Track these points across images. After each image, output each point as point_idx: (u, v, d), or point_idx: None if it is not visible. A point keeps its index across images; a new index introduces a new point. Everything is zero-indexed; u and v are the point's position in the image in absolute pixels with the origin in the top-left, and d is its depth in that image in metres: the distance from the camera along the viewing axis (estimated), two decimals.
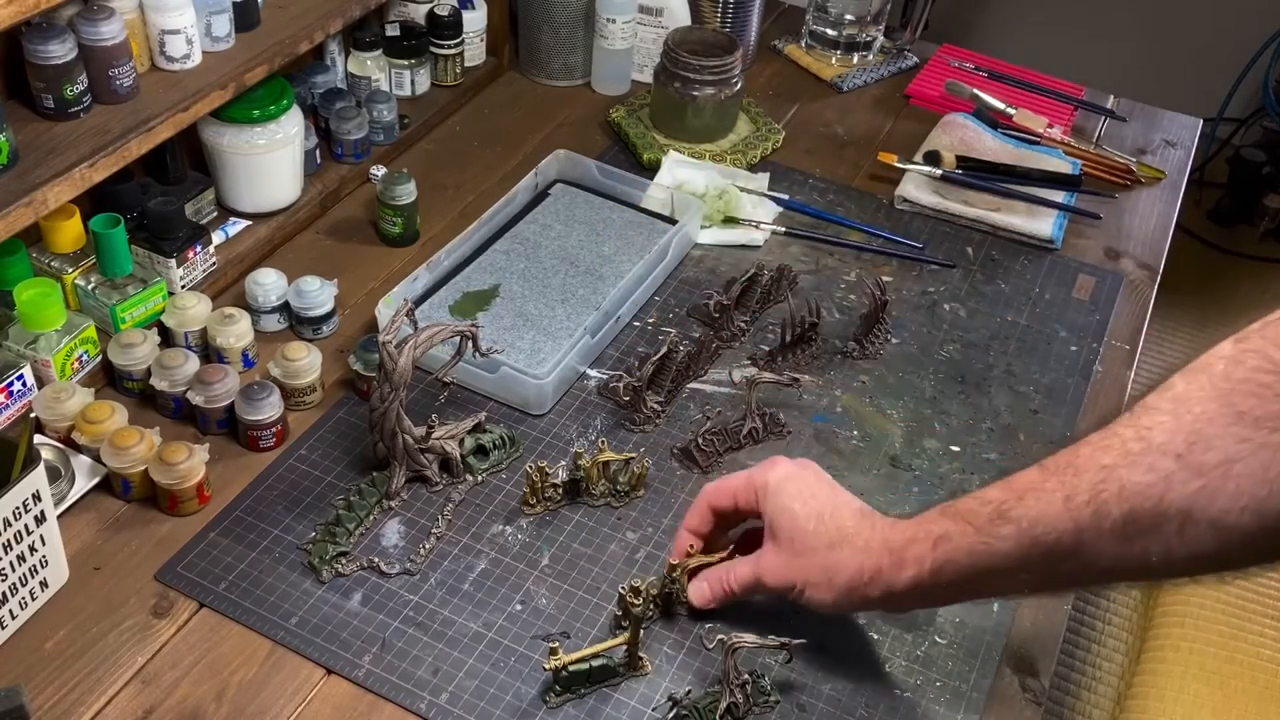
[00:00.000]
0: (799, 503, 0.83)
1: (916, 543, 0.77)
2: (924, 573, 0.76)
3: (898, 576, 0.78)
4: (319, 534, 0.94)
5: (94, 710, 0.83)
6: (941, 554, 0.75)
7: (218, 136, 1.20)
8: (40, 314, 0.99)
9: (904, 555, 0.77)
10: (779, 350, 1.16)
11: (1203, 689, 1.43)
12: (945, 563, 0.75)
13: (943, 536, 0.75)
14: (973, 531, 0.73)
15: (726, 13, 1.58)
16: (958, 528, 0.74)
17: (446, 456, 0.99)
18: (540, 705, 0.85)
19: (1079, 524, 0.68)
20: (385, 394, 0.94)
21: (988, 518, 0.72)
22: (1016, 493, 0.71)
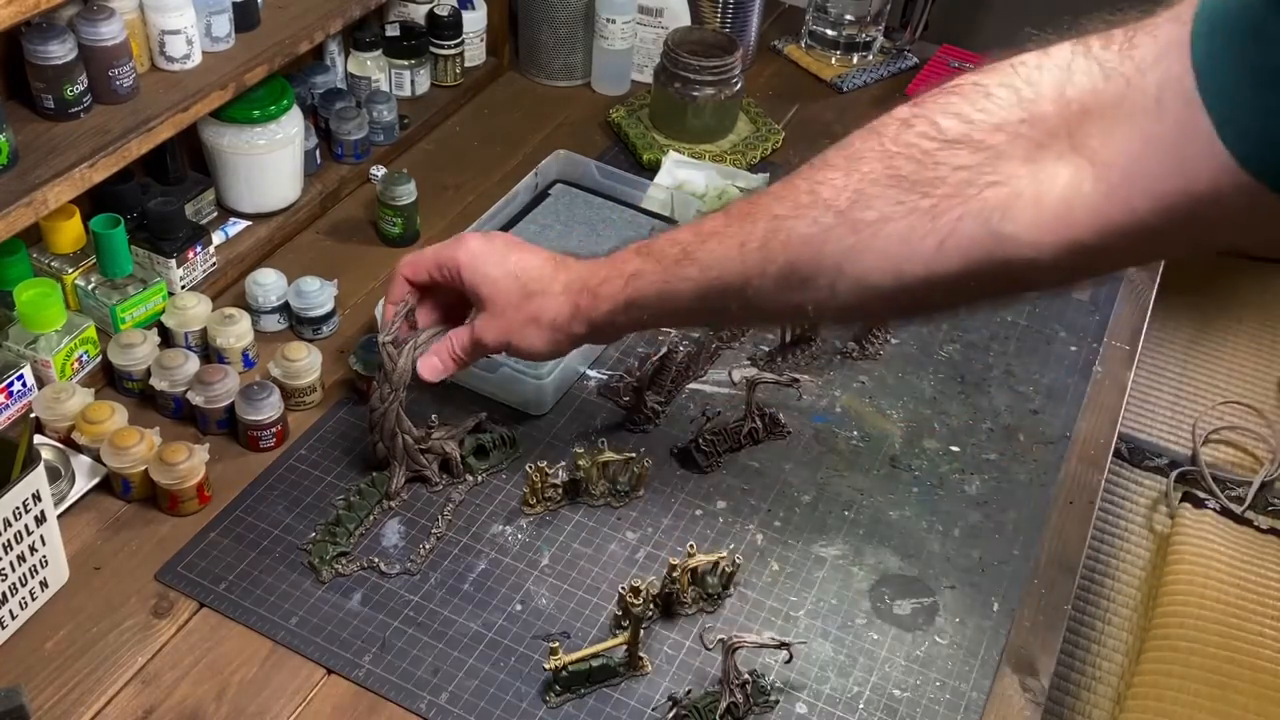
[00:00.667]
0: (494, 268, 0.87)
1: (610, 280, 0.82)
2: (619, 307, 0.82)
3: (596, 311, 0.83)
4: (319, 534, 0.94)
5: (94, 710, 0.83)
6: (633, 290, 0.80)
7: (218, 136, 1.20)
8: (40, 314, 0.99)
9: (599, 291, 0.82)
10: (779, 350, 1.16)
11: (1203, 689, 1.43)
12: (637, 297, 0.80)
13: (635, 274, 0.80)
14: (660, 270, 0.78)
15: (726, 13, 1.58)
16: (649, 266, 0.79)
17: (446, 457, 1.00)
18: (540, 705, 0.85)
19: (747, 269, 0.72)
20: (385, 394, 0.94)
21: (674, 258, 0.77)
22: (702, 236, 0.76)
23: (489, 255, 0.88)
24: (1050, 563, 1.00)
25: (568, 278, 0.85)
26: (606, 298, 0.82)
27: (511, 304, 0.87)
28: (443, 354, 0.92)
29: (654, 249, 0.80)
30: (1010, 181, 0.62)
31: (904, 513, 1.03)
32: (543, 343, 0.87)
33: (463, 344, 0.91)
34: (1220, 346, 2.32)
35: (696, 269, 0.76)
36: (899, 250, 0.65)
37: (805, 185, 0.69)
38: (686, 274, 0.76)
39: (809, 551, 0.98)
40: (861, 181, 0.66)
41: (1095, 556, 1.85)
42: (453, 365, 0.92)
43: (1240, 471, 2.01)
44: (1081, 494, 1.06)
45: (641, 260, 0.80)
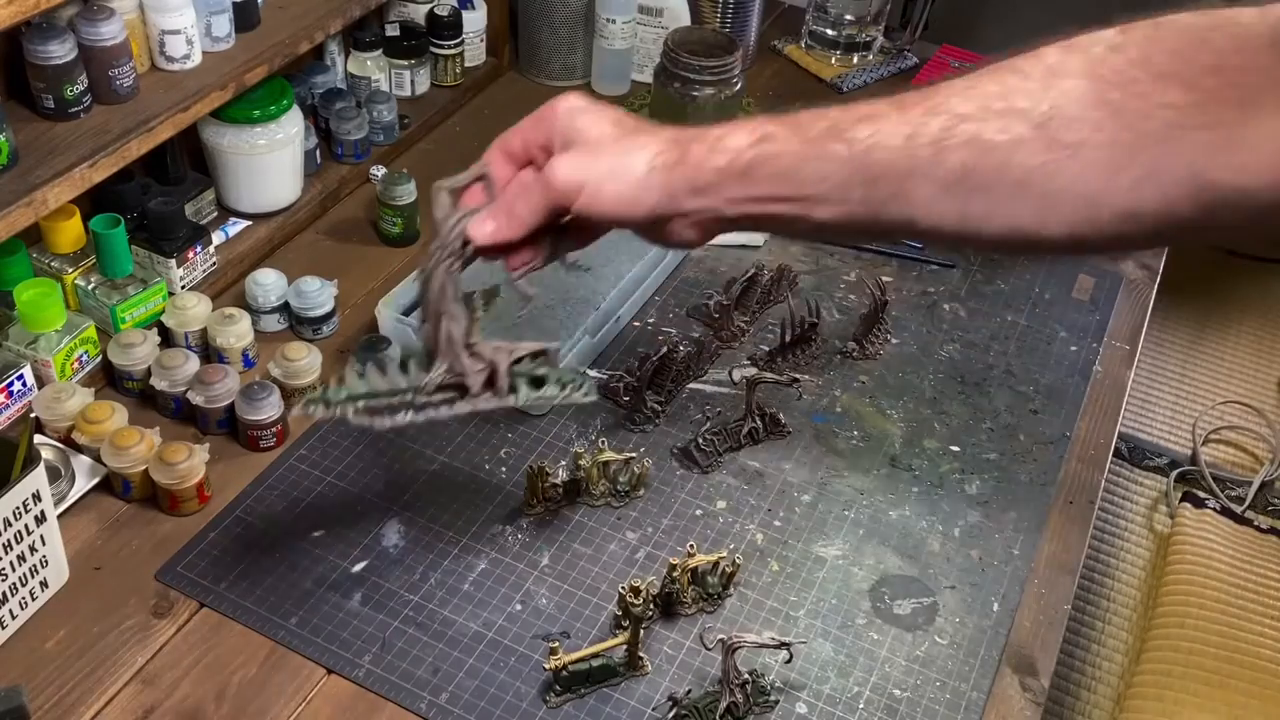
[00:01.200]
0: (591, 115, 0.74)
1: (734, 134, 0.70)
2: (735, 168, 0.69)
3: (705, 165, 0.69)
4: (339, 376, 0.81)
5: (94, 710, 0.83)
6: (761, 153, 0.68)
7: (218, 136, 1.20)
8: (40, 314, 0.99)
9: (718, 144, 0.70)
10: (779, 350, 1.16)
11: (1203, 689, 1.43)
12: (762, 163, 0.68)
13: (766, 136, 0.69)
14: (800, 141, 0.67)
15: (726, 13, 1.58)
16: (785, 132, 0.68)
17: (493, 367, 0.82)
18: (540, 705, 0.85)
19: (914, 163, 0.64)
20: (431, 252, 0.77)
21: (821, 132, 0.67)
22: (859, 116, 0.66)
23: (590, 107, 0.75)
24: (1050, 563, 1.00)
25: (677, 133, 0.72)
26: (725, 152, 0.69)
27: (607, 139, 0.73)
28: (498, 209, 0.76)
29: (791, 119, 0.68)
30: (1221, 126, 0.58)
31: (904, 513, 1.03)
32: (628, 189, 0.71)
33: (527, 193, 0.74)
34: (1220, 346, 2.32)
35: (846, 148, 0.66)
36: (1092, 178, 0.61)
37: (995, 89, 0.63)
38: (833, 152, 0.66)
39: (809, 551, 0.98)
40: (1062, 99, 0.61)
41: (1095, 556, 1.85)
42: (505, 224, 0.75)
43: (1240, 471, 2.01)
44: (1081, 494, 1.06)
45: (777, 125, 0.68)
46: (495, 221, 0.75)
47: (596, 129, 0.73)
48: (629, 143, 0.72)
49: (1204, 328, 2.37)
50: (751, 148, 0.69)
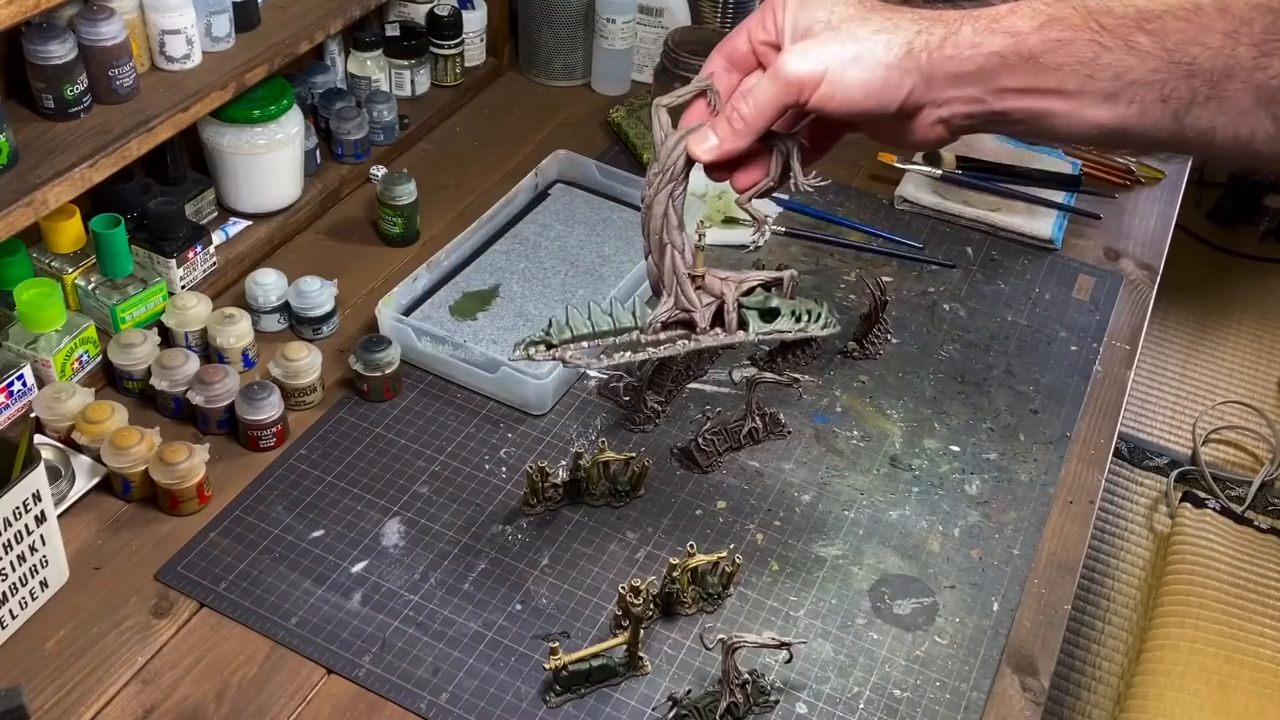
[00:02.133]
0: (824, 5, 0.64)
1: (1018, 14, 0.60)
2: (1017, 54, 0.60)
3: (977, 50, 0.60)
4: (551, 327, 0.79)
5: (94, 710, 0.83)
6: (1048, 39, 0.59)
7: (218, 136, 1.20)
8: (40, 314, 0.99)
9: (996, 25, 0.60)
10: (779, 350, 1.16)
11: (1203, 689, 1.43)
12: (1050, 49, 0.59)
13: (1055, 20, 0.60)
14: (1096, 29, 0.59)
15: (726, 13, 1.58)
16: (1078, 19, 0.59)
17: (720, 300, 0.78)
18: (540, 705, 0.85)
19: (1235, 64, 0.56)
20: (652, 178, 0.72)
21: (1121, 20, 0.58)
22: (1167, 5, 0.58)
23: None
24: (1050, 563, 1.00)
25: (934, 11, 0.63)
26: (1001, 33, 0.60)
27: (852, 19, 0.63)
28: (722, 121, 0.67)
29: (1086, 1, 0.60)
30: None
31: (904, 513, 1.03)
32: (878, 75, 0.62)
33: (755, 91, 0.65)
34: (1220, 346, 2.32)
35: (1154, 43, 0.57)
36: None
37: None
38: (1136, 43, 0.57)
39: (809, 551, 0.98)
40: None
41: (1095, 556, 1.85)
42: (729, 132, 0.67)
43: (1240, 471, 2.01)
44: (1081, 494, 1.06)
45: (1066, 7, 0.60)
46: (719, 132, 0.67)
47: (835, 9, 0.64)
48: (878, 22, 0.63)
49: (1204, 328, 2.37)
50: (1037, 31, 0.60)
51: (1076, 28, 0.59)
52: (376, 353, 1.06)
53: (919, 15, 0.63)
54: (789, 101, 0.64)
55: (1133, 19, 0.58)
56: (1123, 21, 0.58)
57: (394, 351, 1.07)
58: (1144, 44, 0.58)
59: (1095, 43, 0.59)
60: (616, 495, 1.00)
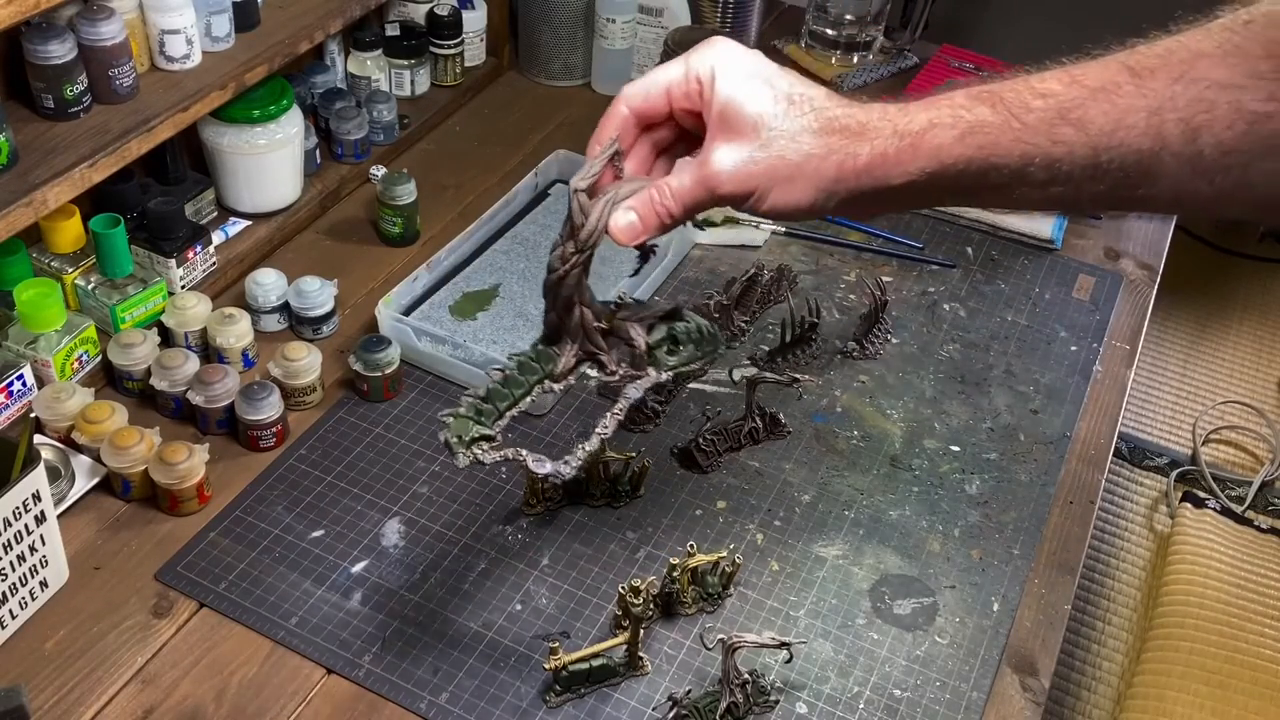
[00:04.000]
0: (760, 82, 0.64)
1: (938, 130, 0.61)
2: (943, 167, 0.61)
3: (904, 168, 0.61)
4: (465, 408, 0.78)
5: (94, 710, 0.83)
6: (972, 149, 0.60)
7: (218, 136, 1.20)
8: (40, 314, 0.99)
9: (919, 143, 0.61)
10: (779, 350, 1.16)
11: (1203, 689, 1.43)
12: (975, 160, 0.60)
13: (976, 127, 0.60)
14: (1019, 129, 0.59)
15: (726, 13, 1.58)
16: (998, 121, 0.59)
17: (629, 343, 0.80)
18: (540, 705, 0.85)
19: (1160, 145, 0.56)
20: (568, 254, 0.74)
21: (1042, 116, 0.58)
22: (1085, 91, 0.58)
23: (754, 66, 0.65)
24: (1050, 563, 1.00)
25: (868, 116, 0.63)
26: (928, 151, 0.61)
27: (780, 136, 0.63)
28: (646, 207, 0.68)
29: (1002, 97, 0.60)
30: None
31: (904, 513, 1.03)
32: (810, 198, 0.64)
33: (682, 193, 0.66)
34: (1220, 346, 2.32)
35: (1078, 134, 0.57)
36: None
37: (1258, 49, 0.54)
38: (1060, 137, 0.58)
39: (809, 551, 0.98)
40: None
41: (1095, 556, 1.85)
42: (657, 225, 0.68)
43: (1240, 471, 2.01)
44: (1081, 494, 1.06)
45: (985, 110, 0.60)
46: (642, 216, 0.68)
47: (762, 105, 0.64)
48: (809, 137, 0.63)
49: (1204, 328, 2.37)
50: (959, 143, 0.60)
51: (999, 130, 0.59)
52: (376, 353, 1.06)
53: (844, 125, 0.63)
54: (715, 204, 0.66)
55: (1055, 111, 0.58)
56: (1044, 117, 0.59)
57: (394, 351, 1.07)
58: (1069, 135, 0.58)
59: (1019, 142, 0.59)
60: (616, 495, 1.00)
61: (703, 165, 0.65)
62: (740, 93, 0.64)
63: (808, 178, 0.63)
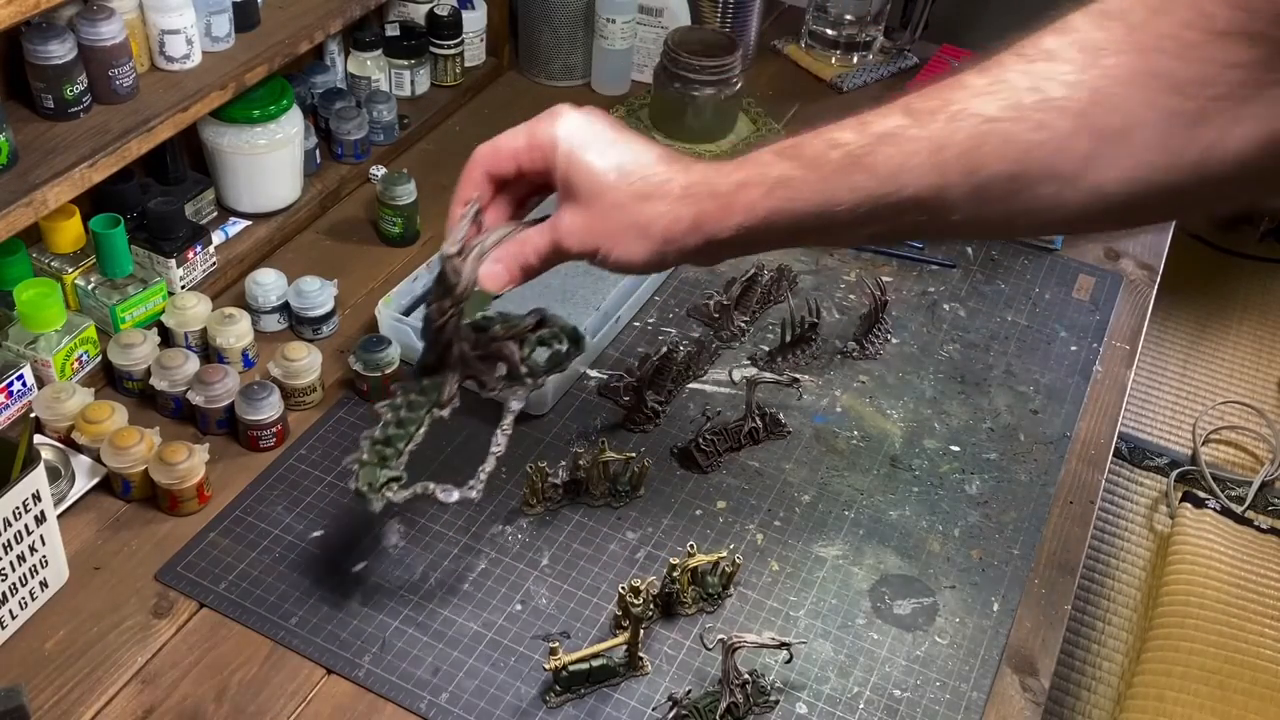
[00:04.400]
0: (595, 154, 0.72)
1: (749, 187, 0.67)
2: (757, 220, 0.67)
3: (724, 223, 0.68)
4: (367, 454, 0.83)
5: (94, 710, 0.83)
6: (779, 202, 0.66)
7: (218, 136, 1.20)
8: (40, 314, 0.99)
9: (733, 201, 0.68)
10: (779, 350, 1.16)
11: (1203, 689, 1.43)
12: (783, 209, 0.66)
13: (781, 182, 0.66)
14: (818, 178, 0.64)
15: (726, 13, 1.58)
16: (800, 172, 0.65)
17: (505, 359, 0.86)
18: (540, 705, 0.85)
19: (946, 180, 0.60)
20: (445, 308, 0.80)
21: (837, 164, 0.64)
22: (872, 137, 0.63)
23: (591, 136, 0.72)
24: (1050, 563, 1.00)
25: (689, 180, 0.70)
26: (742, 208, 0.67)
27: (614, 204, 0.71)
28: (511, 260, 0.76)
29: (805, 151, 0.65)
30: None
31: (904, 513, 1.03)
32: (645, 255, 0.71)
33: (539, 249, 0.75)
34: (1220, 346, 2.32)
35: (868, 178, 0.62)
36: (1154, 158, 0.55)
37: (1023, 81, 0.58)
38: (855, 183, 0.63)
39: (809, 551, 0.98)
40: (1102, 79, 0.55)
41: (1095, 556, 1.85)
42: (520, 276, 0.77)
43: (1240, 471, 2.01)
44: (1081, 494, 1.06)
45: (788, 164, 0.66)
46: (508, 271, 0.77)
47: (598, 176, 0.71)
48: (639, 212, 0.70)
49: (1204, 328, 2.37)
50: (767, 197, 0.67)
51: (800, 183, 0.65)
52: (376, 353, 1.06)
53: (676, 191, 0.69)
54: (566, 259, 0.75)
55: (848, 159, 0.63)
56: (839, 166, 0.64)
57: (394, 351, 1.07)
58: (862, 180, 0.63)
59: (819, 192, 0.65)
60: (616, 495, 1.00)
61: (553, 227, 0.74)
62: (578, 164, 0.72)
63: (641, 238, 0.71)
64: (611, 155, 0.72)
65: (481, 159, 0.76)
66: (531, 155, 0.74)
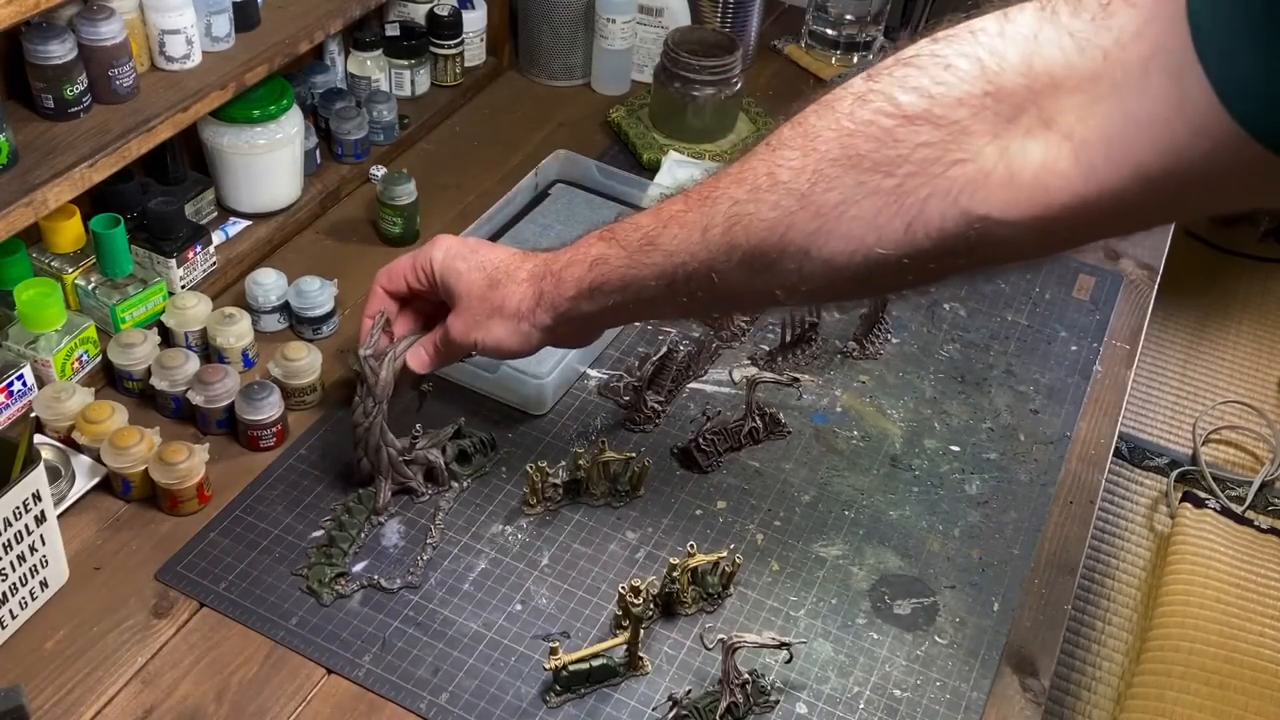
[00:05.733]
0: (462, 262, 0.87)
1: (574, 265, 0.80)
2: (583, 292, 0.79)
3: (559, 297, 0.81)
4: (314, 556, 0.93)
5: (94, 710, 0.83)
6: (597, 275, 0.78)
7: (218, 136, 1.20)
8: (40, 314, 0.99)
9: (563, 276, 0.81)
10: (779, 350, 1.16)
11: (1203, 689, 1.43)
12: (601, 283, 0.78)
13: (599, 259, 0.78)
14: (625, 256, 0.76)
15: (726, 13, 1.58)
16: (613, 251, 0.77)
17: (431, 466, 0.99)
18: (540, 705, 0.85)
19: (712, 255, 0.70)
20: (369, 409, 0.93)
21: (637, 243, 0.75)
22: (663, 221, 0.74)
23: (459, 250, 0.88)
24: (1050, 563, 1.00)
25: (532, 265, 0.84)
26: (570, 282, 0.80)
27: (476, 295, 0.86)
28: (429, 349, 0.93)
29: (618, 233, 0.78)
30: (978, 159, 0.59)
31: (904, 513, 1.03)
32: (508, 334, 0.86)
33: (434, 340, 0.92)
34: (1220, 346, 2.32)
35: (660, 255, 0.74)
36: (865, 233, 0.63)
37: (763, 167, 0.67)
38: (650, 260, 0.75)
39: (809, 551, 0.98)
40: (820, 162, 0.64)
41: (1095, 556, 1.85)
42: (436, 361, 0.93)
43: (1240, 471, 2.01)
44: (1081, 494, 1.06)
45: (605, 245, 0.78)
46: (427, 353, 0.93)
47: (464, 276, 0.87)
48: (495, 297, 0.85)
49: (1204, 328, 2.37)
50: (589, 272, 0.79)
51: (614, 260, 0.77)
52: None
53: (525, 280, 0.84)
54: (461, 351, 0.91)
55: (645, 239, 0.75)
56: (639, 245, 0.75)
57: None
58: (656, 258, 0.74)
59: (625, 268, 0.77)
60: (616, 495, 1.00)
61: (445, 325, 0.90)
62: (449, 272, 0.88)
63: (501, 320, 0.85)
64: (475, 260, 0.87)
65: (379, 279, 0.93)
66: (417, 275, 0.90)
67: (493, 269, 0.86)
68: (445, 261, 0.88)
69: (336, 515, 0.96)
